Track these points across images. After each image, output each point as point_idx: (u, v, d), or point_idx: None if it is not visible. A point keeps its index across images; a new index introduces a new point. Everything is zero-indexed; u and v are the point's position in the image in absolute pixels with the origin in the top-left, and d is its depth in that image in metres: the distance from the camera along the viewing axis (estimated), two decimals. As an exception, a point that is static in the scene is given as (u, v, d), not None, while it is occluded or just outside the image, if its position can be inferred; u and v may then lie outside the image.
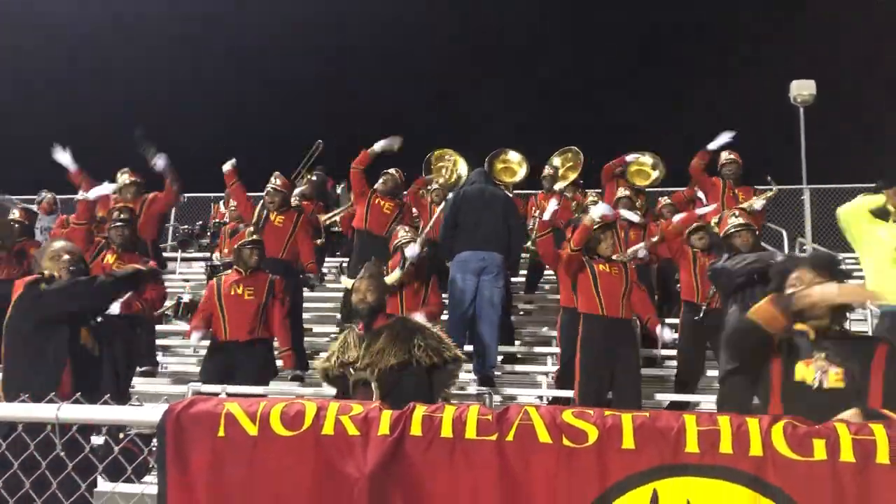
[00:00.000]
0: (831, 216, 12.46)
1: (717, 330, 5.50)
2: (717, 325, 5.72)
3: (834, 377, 2.66)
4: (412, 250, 6.32)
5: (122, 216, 6.69)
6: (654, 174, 9.67)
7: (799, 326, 2.81)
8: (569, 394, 6.27)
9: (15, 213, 8.70)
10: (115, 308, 6.20)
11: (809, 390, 2.66)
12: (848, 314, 2.90)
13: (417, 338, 3.90)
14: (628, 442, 2.16)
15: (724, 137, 8.34)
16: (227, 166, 8.12)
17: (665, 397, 6.81)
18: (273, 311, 6.49)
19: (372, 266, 4.41)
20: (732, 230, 5.97)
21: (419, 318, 4.42)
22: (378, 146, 7.83)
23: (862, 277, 5.01)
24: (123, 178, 8.40)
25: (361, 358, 3.87)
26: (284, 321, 6.63)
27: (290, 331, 6.82)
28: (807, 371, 2.71)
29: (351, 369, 3.89)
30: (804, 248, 11.90)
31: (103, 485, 2.86)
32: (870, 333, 7.12)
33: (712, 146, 8.40)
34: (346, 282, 4.74)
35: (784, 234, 10.91)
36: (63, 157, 8.05)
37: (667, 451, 2.13)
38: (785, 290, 2.85)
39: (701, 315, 6.68)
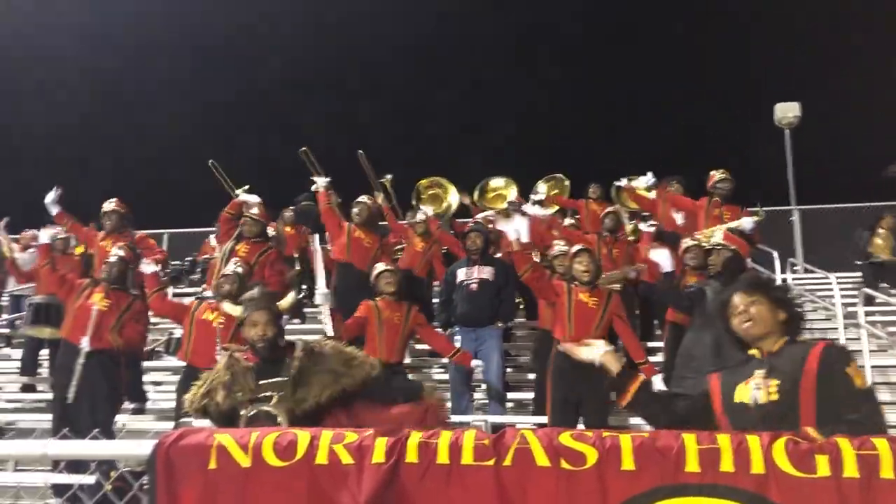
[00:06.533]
0: (820, 236, 12.64)
1: None
2: None
3: (767, 392, 2.64)
4: (321, 297, 5.79)
5: (119, 252, 6.48)
6: (651, 196, 9.71)
7: (751, 351, 2.82)
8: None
9: None
10: (84, 343, 6.09)
11: (748, 409, 2.64)
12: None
13: (341, 372, 3.49)
14: (628, 463, 2.12)
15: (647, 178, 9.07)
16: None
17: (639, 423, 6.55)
18: None
19: (262, 294, 3.91)
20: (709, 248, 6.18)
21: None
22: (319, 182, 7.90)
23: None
24: (110, 205, 8.14)
25: (287, 395, 3.45)
26: None
27: None
28: (744, 390, 2.70)
29: (250, 405, 3.51)
30: (795, 268, 11.94)
31: (92, 524, 2.79)
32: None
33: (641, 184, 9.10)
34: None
35: (775, 255, 10.89)
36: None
37: (667, 470, 2.10)
38: (730, 321, 2.87)
39: None
